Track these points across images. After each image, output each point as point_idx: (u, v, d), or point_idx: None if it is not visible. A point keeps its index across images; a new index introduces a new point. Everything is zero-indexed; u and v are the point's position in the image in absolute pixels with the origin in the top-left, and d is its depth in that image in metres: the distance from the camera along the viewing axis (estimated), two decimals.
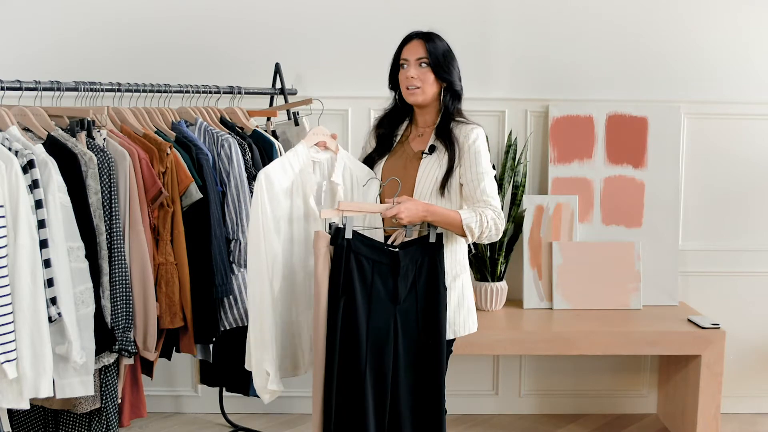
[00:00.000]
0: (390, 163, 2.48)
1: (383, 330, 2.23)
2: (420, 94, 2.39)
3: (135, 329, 2.48)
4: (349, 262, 2.16)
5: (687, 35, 3.52)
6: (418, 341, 2.29)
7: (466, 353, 3.11)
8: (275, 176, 2.28)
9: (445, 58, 2.42)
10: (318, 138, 2.40)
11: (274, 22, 3.48)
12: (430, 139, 2.44)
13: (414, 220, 2.25)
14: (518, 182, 3.45)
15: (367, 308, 2.20)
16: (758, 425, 3.56)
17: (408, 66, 2.40)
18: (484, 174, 2.38)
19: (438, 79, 2.40)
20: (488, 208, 2.33)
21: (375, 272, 2.21)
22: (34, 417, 2.55)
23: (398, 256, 2.24)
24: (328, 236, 2.18)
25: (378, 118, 2.57)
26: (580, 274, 3.43)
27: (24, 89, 2.46)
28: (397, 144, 2.51)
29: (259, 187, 2.25)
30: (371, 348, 2.21)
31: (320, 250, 2.17)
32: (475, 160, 2.38)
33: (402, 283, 2.25)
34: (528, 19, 3.51)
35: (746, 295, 3.61)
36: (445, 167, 2.37)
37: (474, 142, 2.38)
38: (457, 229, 2.30)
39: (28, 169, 2.16)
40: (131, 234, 2.45)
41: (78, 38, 3.44)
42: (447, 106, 2.43)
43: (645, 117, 3.48)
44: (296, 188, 2.35)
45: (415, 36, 2.43)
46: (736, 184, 3.57)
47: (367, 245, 2.20)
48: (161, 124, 2.78)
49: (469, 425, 3.55)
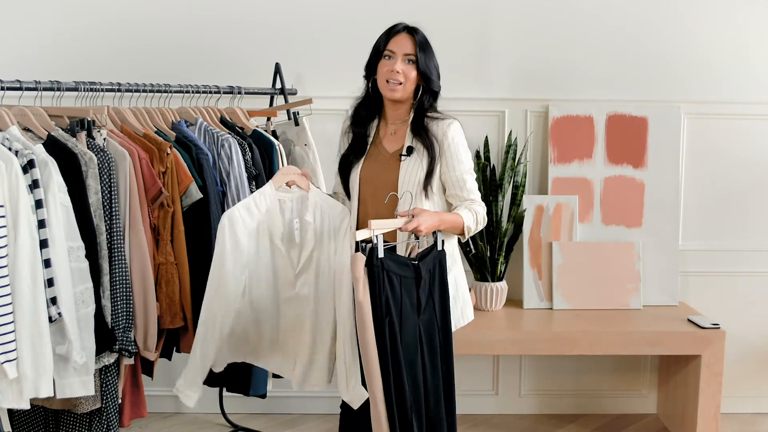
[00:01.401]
0: (367, 167, 2.42)
1: (412, 344, 2.20)
2: (401, 90, 2.34)
3: (135, 329, 2.48)
4: (384, 281, 2.11)
5: (687, 35, 3.52)
6: (438, 346, 2.29)
7: (466, 353, 3.11)
8: (239, 218, 2.31)
9: (429, 56, 2.38)
10: (287, 177, 2.42)
11: (274, 22, 3.48)
12: (405, 137, 2.39)
13: (430, 231, 2.24)
14: (518, 182, 3.45)
15: (400, 324, 2.16)
16: (758, 425, 3.56)
17: (394, 59, 2.34)
18: (467, 172, 2.38)
19: (420, 76, 2.35)
20: (476, 204, 2.37)
21: (402, 287, 2.17)
22: (35, 417, 2.55)
23: (420, 268, 2.22)
24: (364, 258, 2.11)
25: (353, 110, 2.49)
26: (580, 274, 3.43)
27: (24, 89, 2.46)
28: (369, 145, 2.45)
29: (221, 231, 2.29)
30: (406, 364, 2.17)
31: (359, 272, 2.10)
32: (456, 159, 2.36)
33: (423, 293, 2.23)
34: (528, 19, 3.51)
35: (746, 295, 3.61)
36: (426, 168, 2.34)
37: (453, 139, 2.36)
38: (458, 231, 2.34)
39: (28, 169, 2.16)
40: (131, 234, 2.45)
41: (78, 38, 3.44)
42: (423, 103, 2.39)
43: (645, 117, 3.48)
44: (263, 229, 2.38)
45: (402, 29, 2.38)
46: (736, 184, 3.57)
47: (394, 261, 2.17)
48: (161, 124, 2.78)
49: (469, 425, 3.55)
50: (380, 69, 2.37)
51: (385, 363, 2.10)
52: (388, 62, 2.35)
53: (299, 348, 2.50)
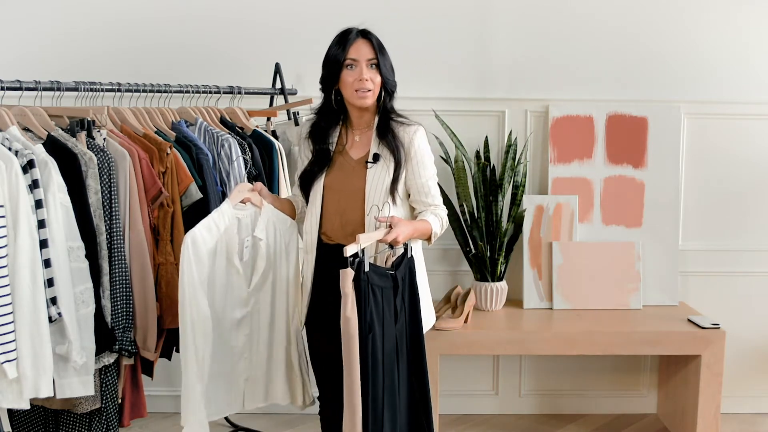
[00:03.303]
0: (332, 177, 2.38)
1: (392, 353, 2.20)
2: (371, 96, 2.31)
3: (135, 329, 2.48)
4: (369, 296, 2.11)
5: (687, 35, 3.52)
6: (407, 350, 2.29)
7: (466, 353, 3.11)
8: (200, 238, 2.31)
9: (386, 57, 2.34)
10: (242, 195, 2.41)
11: (274, 22, 3.48)
12: (371, 143, 2.36)
13: (405, 240, 2.25)
14: (518, 182, 3.44)
15: (382, 337, 2.16)
16: (758, 425, 3.56)
17: (357, 67, 2.29)
18: (431, 178, 2.39)
19: (382, 79, 2.32)
20: (439, 209, 2.39)
21: (383, 298, 2.17)
22: (35, 417, 2.55)
23: (396, 277, 2.22)
24: (353, 273, 2.10)
25: (311, 126, 2.44)
26: (580, 274, 3.43)
27: (24, 89, 2.46)
28: (334, 154, 2.40)
29: (185, 250, 2.28)
30: (386, 373, 2.18)
31: (348, 288, 2.09)
32: (422, 165, 2.36)
33: (399, 302, 2.24)
34: (528, 19, 3.51)
35: (746, 295, 3.61)
36: (393, 174, 2.32)
37: (419, 147, 2.35)
38: (427, 237, 2.36)
39: (28, 169, 2.16)
40: (131, 234, 2.45)
41: (78, 38, 3.44)
42: (385, 105, 2.36)
43: (645, 117, 3.48)
44: (220, 247, 2.37)
45: (359, 34, 2.34)
46: (736, 184, 3.57)
47: (377, 273, 2.17)
48: (161, 124, 2.78)
49: (469, 425, 3.55)
50: (345, 79, 2.31)
51: (364, 379, 2.10)
52: (353, 72, 2.30)
53: (255, 366, 2.51)
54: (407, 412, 2.29)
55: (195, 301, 2.30)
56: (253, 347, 2.49)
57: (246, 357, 2.49)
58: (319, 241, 2.40)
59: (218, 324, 2.40)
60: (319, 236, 2.39)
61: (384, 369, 2.17)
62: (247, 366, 2.49)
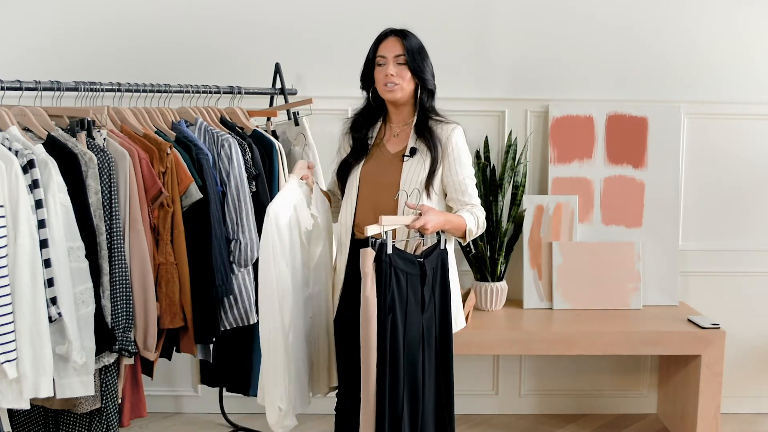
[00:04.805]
0: (368, 168, 2.46)
1: (415, 341, 2.22)
2: (399, 90, 2.39)
3: (135, 329, 2.48)
4: (391, 278, 2.13)
5: (687, 35, 3.52)
6: (436, 344, 2.31)
7: (466, 353, 3.12)
8: (281, 212, 2.32)
9: (420, 55, 2.42)
10: (303, 172, 2.44)
11: (274, 22, 3.48)
12: (408, 139, 2.43)
13: (436, 230, 2.27)
14: (518, 182, 3.45)
15: (404, 321, 2.18)
16: (758, 425, 3.56)
17: (386, 63, 2.39)
18: (469, 177, 2.42)
19: (414, 76, 2.40)
20: (477, 209, 2.41)
21: (408, 284, 2.19)
22: (34, 417, 2.55)
23: (425, 266, 2.24)
24: (373, 253, 2.13)
25: (352, 120, 2.55)
26: (580, 274, 3.43)
27: (24, 89, 2.46)
28: (372, 147, 2.49)
29: (268, 222, 2.28)
30: (407, 360, 2.19)
31: (368, 268, 2.12)
32: (459, 163, 2.40)
33: (427, 291, 2.25)
34: (528, 19, 3.51)
35: (746, 295, 3.61)
36: (428, 169, 2.37)
37: (457, 144, 2.41)
38: (460, 233, 2.36)
39: (28, 169, 2.16)
40: (131, 234, 2.45)
41: (78, 38, 3.44)
42: (423, 104, 2.43)
43: (645, 117, 3.48)
44: (293, 222, 2.38)
45: (390, 33, 2.43)
46: (736, 184, 3.57)
47: (401, 258, 2.18)
48: (161, 124, 2.78)
49: (469, 425, 3.55)
50: (377, 76, 2.43)
51: (382, 360, 2.11)
52: (382, 68, 2.40)
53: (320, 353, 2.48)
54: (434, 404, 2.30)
55: (280, 274, 2.29)
56: (314, 330, 2.47)
57: (311, 341, 2.46)
58: (351, 236, 2.44)
59: (295, 302, 2.38)
60: (352, 231, 2.43)
61: (405, 354, 2.17)
62: (313, 350, 2.46)
